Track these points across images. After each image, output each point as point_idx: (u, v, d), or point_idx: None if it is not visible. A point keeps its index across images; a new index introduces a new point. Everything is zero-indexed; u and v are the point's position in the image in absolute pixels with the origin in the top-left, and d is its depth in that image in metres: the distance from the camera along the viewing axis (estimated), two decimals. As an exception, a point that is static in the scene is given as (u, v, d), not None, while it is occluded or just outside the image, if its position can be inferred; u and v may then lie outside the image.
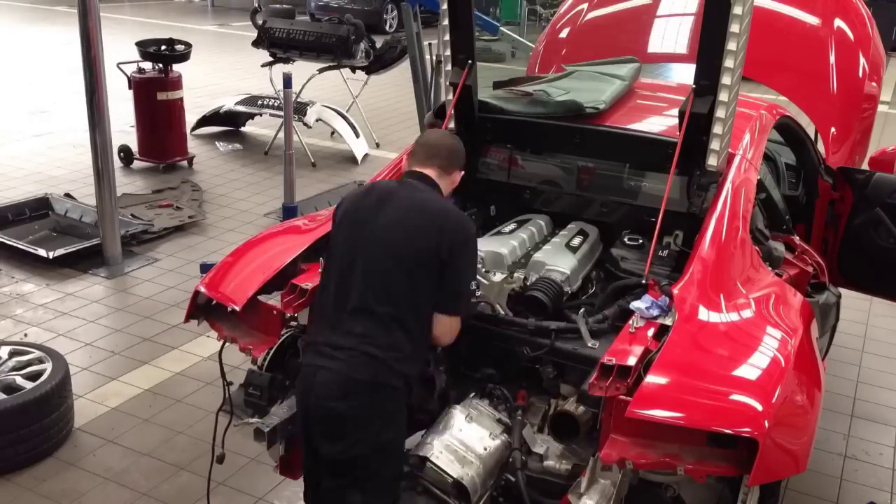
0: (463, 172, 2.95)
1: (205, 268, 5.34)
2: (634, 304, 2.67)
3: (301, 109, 8.55)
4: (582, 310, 2.84)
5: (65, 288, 5.63)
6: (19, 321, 5.17)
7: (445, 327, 2.67)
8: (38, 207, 6.60)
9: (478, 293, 2.88)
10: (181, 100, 8.11)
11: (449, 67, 3.51)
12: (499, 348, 2.87)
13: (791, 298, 2.98)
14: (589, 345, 2.70)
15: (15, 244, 6.00)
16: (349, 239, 2.71)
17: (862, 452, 4.24)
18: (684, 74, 4.19)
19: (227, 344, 2.96)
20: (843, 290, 3.86)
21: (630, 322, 2.61)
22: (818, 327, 3.15)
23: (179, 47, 8.17)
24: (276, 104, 8.83)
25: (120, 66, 7.74)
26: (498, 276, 2.99)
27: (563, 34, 5.28)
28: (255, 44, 9.18)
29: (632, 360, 2.41)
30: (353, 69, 9.15)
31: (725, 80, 2.90)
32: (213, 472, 3.17)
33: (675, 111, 3.11)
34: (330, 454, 2.64)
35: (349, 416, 2.57)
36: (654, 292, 2.72)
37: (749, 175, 3.23)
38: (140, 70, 7.96)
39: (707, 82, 2.94)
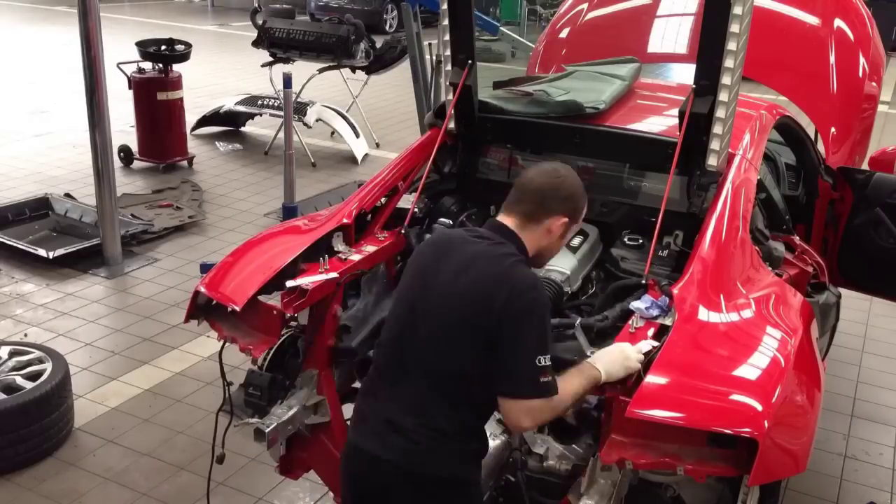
0: (567, 219, 2.44)
1: (205, 268, 5.34)
2: (634, 305, 2.67)
3: (301, 109, 8.55)
4: (578, 321, 2.82)
5: (65, 288, 5.63)
6: (19, 321, 5.17)
7: (512, 413, 2.21)
8: (38, 207, 6.60)
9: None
10: (181, 100, 8.11)
11: (449, 67, 3.51)
12: None
13: (791, 298, 2.98)
14: (588, 353, 2.69)
15: (15, 244, 6.01)
16: (410, 290, 2.38)
17: (862, 452, 4.24)
18: (684, 74, 4.19)
19: (227, 344, 2.96)
20: (843, 290, 3.86)
21: (630, 322, 2.61)
22: (818, 327, 3.15)
23: (179, 47, 8.17)
24: (276, 104, 8.84)
25: (120, 66, 7.74)
26: None
27: (563, 34, 5.28)
28: (255, 44, 9.18)
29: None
30: (353, 69, 9.15)
31: (725, 80, 2.89)
32: (213, 472, 3.16)
33: (675, 111, 3.11)
34: None
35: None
36: (654, 292, 2.72)
37: (749, 175, 3.23)
38: (140, 70, 7.97)
39: (707, 82, 2.94)
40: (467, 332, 2.22)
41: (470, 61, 3.44)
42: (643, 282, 2.82)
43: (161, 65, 7.95)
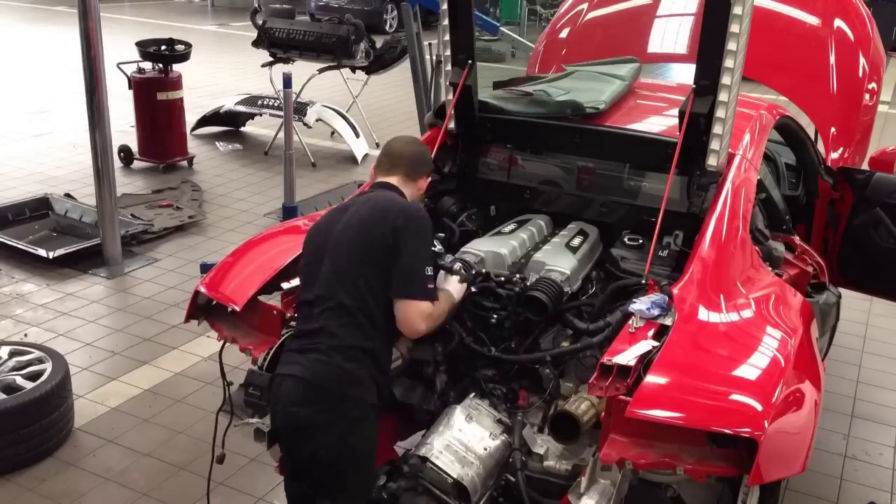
0: (430, 178, 3.02)
1: (205, 268, 5.34)
2: (634, 306, 2.67)
3: (301, 109, 8.55)
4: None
5: (65, 288, 5.63)
6: (19, 321, 5.17)
7: (403, 314, 2.64)
8: (38, 207, 6.60)
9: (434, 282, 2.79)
10: (181, 100, 8.11)
11: (449, 67, 3.51)
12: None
13: (791, 298, 2.98)
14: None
15: (15, 244, 6.01)
16: (315, 247, 2.77)
17: (862, 452, 4.24)
18: (684, 74, 4.19)
19: (227, 344, 2.96)
20: (843, 290, 3.86)
21: (630, 322, 2.61)
22: (818, 327, 3.15)
23: (179, 47, 8.17)
24: (276, 104, 8.84)
25: (120, 66, 7.74)
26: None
27: (563, 34, 5.29)
28: (255, 44, 9.18)
29: (632, 361, 2.41)
30: (353, 69, 9.15)
31: (725, 80, 2.90)
32: (213, 472, 3.17)
33: (675, 111, 3.11)
34: (297, 459, 2.68)
35: (313, 421, 2.59)
36: (654, 292, 2.72)
37: (749, 175, 3.23)
38: (140, 70, 7.96)
39: (707, 82, 2.95)
40: (367, 250, 2.65)
41: (470, 61, 3.44)
42: (643, 282, 2.83)
43: (161, 65, 7.95)
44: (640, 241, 3.20)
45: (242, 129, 9.66)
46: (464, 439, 2.68)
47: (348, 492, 2.65)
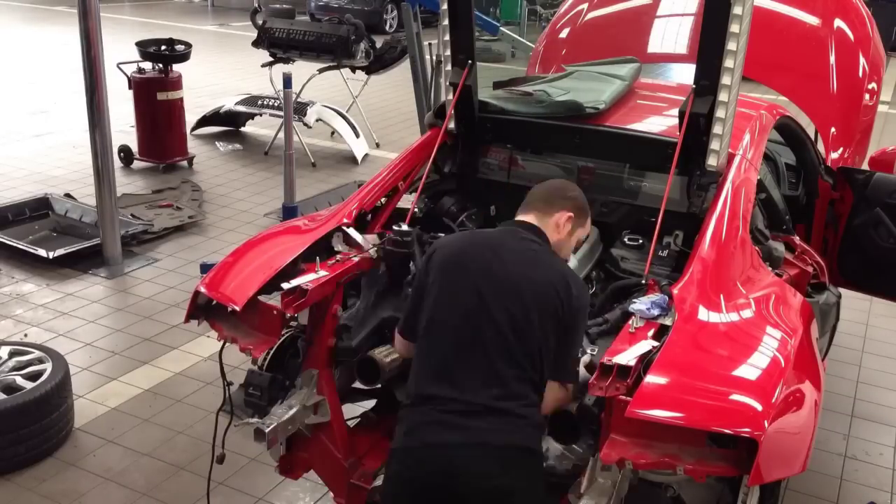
0: (571, 214, 2.67)
1: (205, 268, 5.34)
2: (634, 307, 2.67)
3: (301, 109, 8.55)
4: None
5: (65, 288, 5.63)
6: (19, 321, 5.17)
7: (557, 396, 2.49)
8: (38, 207, 6.60)
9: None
10: (181, 100, 8.11)
11: (449, 67, 3.51)
12: None
13: (791, 298, 2.98)
14: (588, 351, 2.69)
15: (15, 244, 6.00)
16: (463, 285, 2.49)
17: (862, 452, 4.24)
18: (684, 74, 4.19)
19: (227, 344, 2.96)
20: (843, 290, 3.86)
21: (630, 322, 2.61)
22: (818, 327, 3.15)
23: (179, 47, 8.17)
24: (276, 104, 8.84)
25: (120, 66, 7.74)
26: None
27: (563, 34, 5.29)
28: (255, 44, 9.18)
29: (632, 361, 2.41)
30: (353, 69, 9.15)
31: (725, 80, 2.90)
32: (213, 472, 3.17)
33: (675, 111, 3.11)
34: None
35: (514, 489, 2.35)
36: (654, 292, 2.72)
37: (749, 175, 3.23)
38: (140, 70, 7.96)
39: (707, 82, 2.94)
40: (545, 317, 2.42)
41: (470, 61, 3.44)
42: (643, 282, 2.83)
43: (161, 65, 7.95)
44: (640, 241, 3.20)
45: (242, 129, 9.66)
46: None
47: None
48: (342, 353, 2.96)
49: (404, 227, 3.07)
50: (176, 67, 8.05)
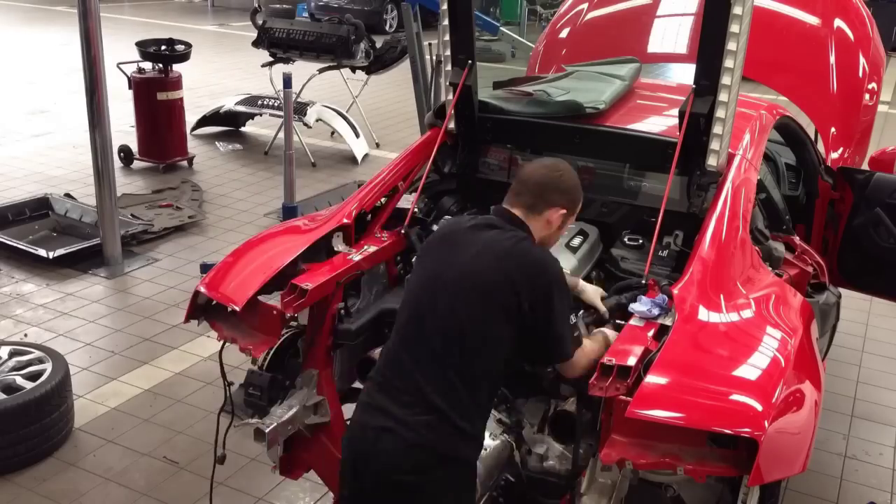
0: (565, 211, 2.58)
1: (205, 268, 5.35)
2: (634, 307, 2.67)
3: (301, 109, 8.55)
4: (581, 311, 2.84)
5: (65, 288, 5.63)
6: (19, 321, 5.17)
7: (567, 372, 2.51)
8: (38, 207, 6.60)
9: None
10: (181, 100, 8.11)
11: (449, 67, 3.51)
12: None
13: (791, 298, 2.98)
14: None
15: (15, 244, 6.01)
16: (419, 282, 2.52)
17: (862, 452, 4.24)
18: (684, 74, 4.19)
19: (227, 344, 2.96)
20: (843, 290, 3.86)
21: (630, 322, 2.61)
22: (818, 327, 3.15)
23: (179, 47, 8.17)
24: (276, 104, 8.83)
25: (120, 66, 7.74)
26: None
27: (563, 34, 5.29)
28: (255, 44, 9.18)
29: (632, 361, 2.41)
30: (353, 69, 9.15)
31: (725, 80, 2.90)
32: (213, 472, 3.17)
33: (675, 111, 3.11)
34: None
35: (418, 489, 2.37)
36: (654, 292, 2.73)
37: (749, 175, 3.23)
38: (140, 70, 7.96)
39: (707, 82, 2.95)
40: (489, 309, 2.36)
41: (470, 61, 3.44)
42: (643, 282, 2.83)
43: (161, 65, 7.95)
44: (640, 241, 3.20)
45: (242, 129, 9.66)
46: None
47: None
48: (342, 335, 2.96)
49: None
50: (176, 67, 8.06)
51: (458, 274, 2.42)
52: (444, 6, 3.38)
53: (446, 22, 3.42)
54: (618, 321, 2.76)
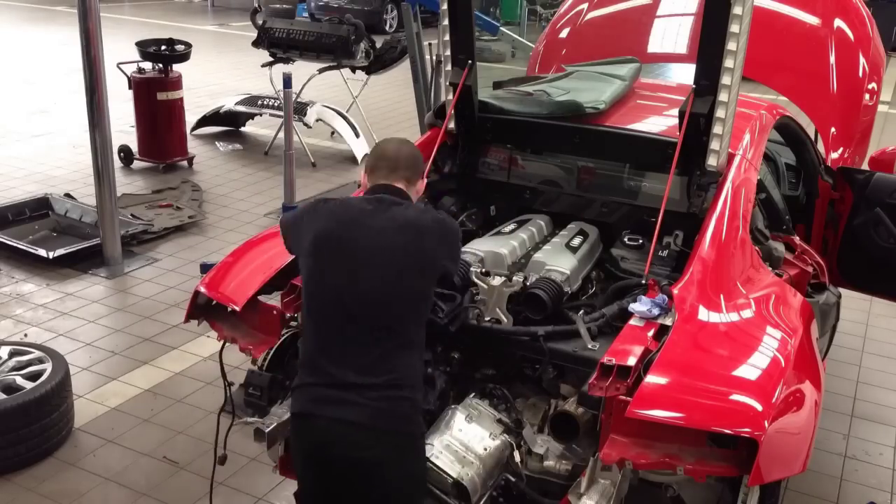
0: (426, 181, 2.89)
1: (205, 268, 5.34)
2: (634, 307, 2.67)
3: (301, 109, 8.55)
4: (581, 311, 2.84)
5: (65, 288, 5.63)
6: (19, 321, 5.17)
7: None
8: (38, 207, 6.60)
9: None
10: (181, 100, 8.11)
11: (449, 67, 3.51)
12: (499, 353, 2.88)
13: (791, 298, 2.98)
14: (589, 346, 2.69)
15: (15, 244, 6.00)
16: (336, 262, 2.52)
17: (862, 452, 4.24)
18: (684, 74, 4.19)
19: (227, 344, 2.96)
20: (843, 290, 3.86)
21: (630, 322, 2.61)
22: (818, 327, 3.15)
23: (179, 47, 8.17)
24: (276, 104, 8.84)
25: (120, 66, 7.74)
26: (497, 280, 2.96)
27: (563, 34, 5.29)
28: (255, 44, 9.18)
29: (632, 361, 2.41)
30: (353, 69, 9.15)
31: (725, 80, 2.90)
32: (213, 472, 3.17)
33: (675, 111, 3.11)
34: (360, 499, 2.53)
35: (380, 460, 2.44)
36: (654, 292, 2.72)
37: (749, 175, 3.23)
38: (140, 70, 7.96)
39: (707, 82, 2.95)
40: (422, 274, 2.49)
41: (470, 61, 3.44)
42: (643, 282, 2.83)
43: (161, 65, 7.95)
44: (640, 241, 3.20)
45: (242, 129, 9.66)
46: (464, 439, 2.67)
47: None
48: None
49: None
50: (176, 67, 8.06)
51: (371, 251, 2.48)
52: (444, 6, 3.38)
53: (446, 22, 3.42)
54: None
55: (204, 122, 9.36)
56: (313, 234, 2.55)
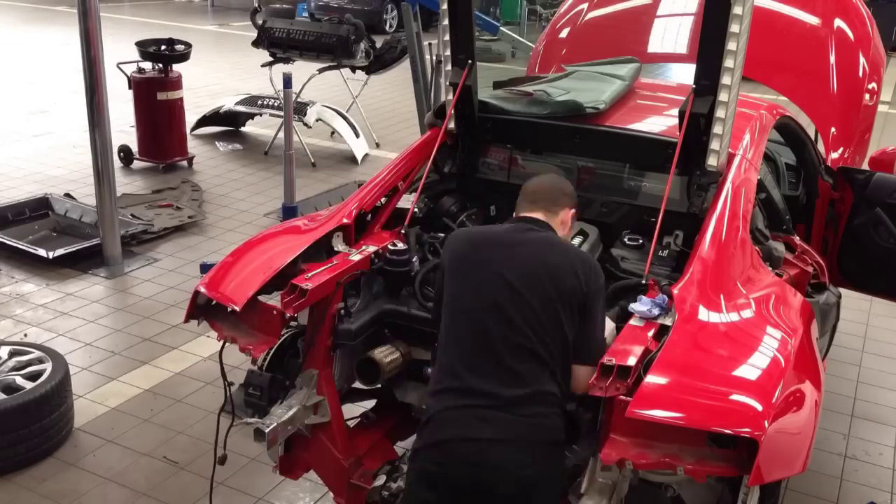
0: (574, 210, 2.78)
1: (205, 268, 5.35)
2: (634, 307, 2.67)
3: (301, 109, 8.55)
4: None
5: (65, 288, 5.63)
6: (19, 321, 5.17)
7: (584, 378, 2.47)
8: (38, 207, 6.60)
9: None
10: (181, 100, 8.11)
11: (449, 67, 3.51)
12: None
13: (791, 298, 2.98)
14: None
15: (15, 244, 6.00)
16: (476, 283, 2.53)
17: (862, 452, 4.24)
18: (684, 74, 4.19)
19: (227, 344, 2.96)
20: (843, 290, 3.86)
21: (630, 322, 2.61)
22: (818, 327, 3.15)
23: (179, 47, 8.17)
24: (276, 104, 8.84)
25: (120, 66, 7.74)
26: None
27: (563, 34, 5.29)
28: (255, 44, 9.18)
29: (632, 361, 2.41)
30: (353, 69, 9.15)
31: (725, 80, 2.90)
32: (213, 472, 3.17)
33: (675, 111, 3.11)
34: None
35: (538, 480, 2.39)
36: (654, 292, 2.73)
37: (749, 175, 3.23)
38: (140, 70, 7.96)
39: (707, 82, 2.95)
40: (565, 306, 2.45)
41: (470, 61, 3.44)
42: (643, 282, 2.83)
43: (161, 65, 7.95)
44: (640, 241, 3.20)
45: (242, 129, 9.66)
46: None
47: None
48: (342, 335, 2.96)
49: (400, 246, 3.09)
50: (176, 67, 8.06)
51: (521, 272, 2.49)
52: (444, 6, 3.38)
53: (446, 22, 3.42)
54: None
55: (204, 122, 9.36)
56: (452, 256, 2.64)
